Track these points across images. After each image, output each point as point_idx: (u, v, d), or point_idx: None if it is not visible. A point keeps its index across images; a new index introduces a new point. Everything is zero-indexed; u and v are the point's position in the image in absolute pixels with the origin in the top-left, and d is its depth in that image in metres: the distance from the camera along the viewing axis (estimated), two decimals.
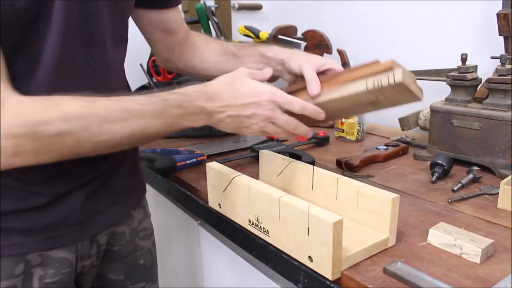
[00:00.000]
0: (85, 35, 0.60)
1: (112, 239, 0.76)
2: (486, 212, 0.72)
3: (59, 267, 0.66)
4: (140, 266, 0.83)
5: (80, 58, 0.60)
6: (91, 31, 0.61)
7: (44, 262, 0.65)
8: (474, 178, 0.83)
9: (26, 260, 0.63)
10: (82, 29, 0.59)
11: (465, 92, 0.92)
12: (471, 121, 0.88)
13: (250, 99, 0.62)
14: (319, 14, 1.53)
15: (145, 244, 0.84)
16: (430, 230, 0.62)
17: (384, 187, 0.83)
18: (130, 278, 0.81)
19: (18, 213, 0.61)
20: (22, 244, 0.62)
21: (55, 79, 0.57)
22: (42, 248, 0.64)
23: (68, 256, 0.67)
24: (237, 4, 1.63)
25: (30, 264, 0.64)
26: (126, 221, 0.78)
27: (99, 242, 0.72)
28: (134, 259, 0.81)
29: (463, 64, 0.92)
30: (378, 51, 1.35)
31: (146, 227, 0.84)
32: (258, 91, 0.63)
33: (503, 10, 0.92)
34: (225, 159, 0.96)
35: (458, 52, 0.93)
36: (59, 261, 0.66)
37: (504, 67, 0.85)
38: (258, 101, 0.62)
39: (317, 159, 0.97)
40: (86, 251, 0.70)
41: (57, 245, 0.66)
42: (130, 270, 0.81)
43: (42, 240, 0.64)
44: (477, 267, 0.56)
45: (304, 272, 0.59)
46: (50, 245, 0.65)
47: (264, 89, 0.63)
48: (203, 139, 1.19)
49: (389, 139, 1.14)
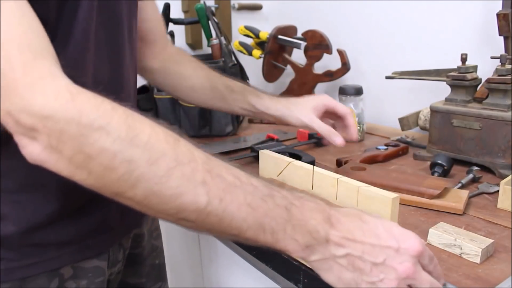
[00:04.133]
0: (106, 14, 0.58)
1: (133, 241, 0.74)
2: (486, 212, 0.72)
3: (91, 277, 0.62)
4: (157, 266, 0.81)
5: (101, 37, 0.58)
6: (111, 10, 0.59)
7: (77, 274, 0.61)
8: (474, 178, 0.83)
9: (60, 274, 0.59)
10: (103, 8, 0.57)
11: (465, 92, 0.92)
12: (471, 121, 0.88)
13: (386, 241, 0.42)
14: (319, 14, 1.53)
15: (158, 244, 0.82)
16: (430, 230, 0.62)
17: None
18: (150, 280, 0.79)
19: (55, 222, 0.56)
20: (57, 257, 0.58)
21: (81, 57, 0.55)
22: (77, 259, 0.60)
23: (100, 264, 0.63)
24: (237, 4, 1.63)
25: (63, 278, 0.59)
26: (145, 221, 0.76)
27: (124, 246, 0.70)
28: (152, 259, 0.79)
29: (463, 64, 0.92)
30: (378, 51, 1.35)
31: (157, 226, 0.83)
32: (401, 232, 0.43)
33: (503, 10, 0.91)
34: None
35: (458, 52, 0.93)
36: (91, 271, 0.62)
37: (504, 67, 0.85)
38: (398, 247, 0.42)
39: (317, 159, 0.97)
40: (115, 257, 0.67)
41: (92, 254, 0.62)
42: (150, 271, 0.79)
43: (77, 250, 0.60)
44: (477, 267, 0.56)
45: (304, 272, 0.59)
46: (85, 255, 0.61)
47: (409, 233, 0.44)
48: (203, 139, 1.19)
49: (389, 139, 1.14)
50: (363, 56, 1.39)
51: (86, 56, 0.55)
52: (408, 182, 0.74)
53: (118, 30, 0.61)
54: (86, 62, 0.56)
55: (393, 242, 0.42)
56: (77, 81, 0.51)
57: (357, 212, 0.45)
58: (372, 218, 0.44)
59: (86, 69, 0.56)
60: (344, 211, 0.44)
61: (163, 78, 0.85)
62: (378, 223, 0.43)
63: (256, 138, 1.16)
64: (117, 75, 0.62)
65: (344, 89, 1.15)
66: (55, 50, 0.45)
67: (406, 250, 0.41)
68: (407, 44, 1.27)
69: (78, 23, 0.53)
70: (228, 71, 1.21)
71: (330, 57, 1.33)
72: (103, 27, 0.58)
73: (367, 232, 0.42)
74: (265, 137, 1.15)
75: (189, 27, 1.54)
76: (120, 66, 0.63)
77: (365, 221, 0.43)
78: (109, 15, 0.59)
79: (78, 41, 0.53)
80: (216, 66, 1.21)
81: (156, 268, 0.81)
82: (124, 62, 0.64)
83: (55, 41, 0.51)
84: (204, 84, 0.82)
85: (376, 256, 0.41)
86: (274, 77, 1.48)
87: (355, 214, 0.44)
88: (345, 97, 1.15)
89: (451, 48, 1.14)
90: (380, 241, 0.42)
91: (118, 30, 0.61)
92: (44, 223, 0.56)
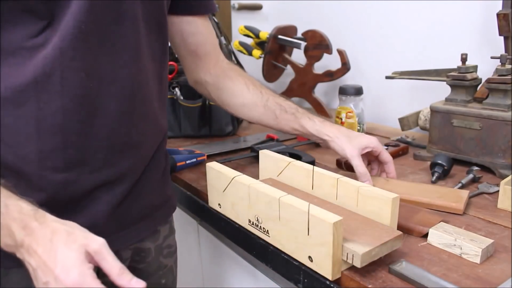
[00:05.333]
0: (113, 10, 0.58)
1: (137, 255, 0.73)
2: (486, 212, 0.72)
3: None
4: (162, 286, 0.79)
5: (106, 33, 0.58)
6: (120, 7, 0.58)
7: None
8: (474, 178, 0.83)
9: None
10: (110, 3, 0.57)
11: (465, 92, 0.92)
12: (471, 121, 0.88)
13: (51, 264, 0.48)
14: (319, 14, 1.53)
15: (167, 262, 0.80)
16: (430, 230, 0.62)
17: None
18: None
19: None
20: None
21: (75, 50, 0.55)
22: None
23: None
24: (237, 4, 1.63)
25: None
26: (152, 237, 0.75)
27: (122, 257, 0.69)
28: (158, 278, 0.78)
29: (463, 64, 0.92)
30: (378, 51, 1.35)
31: (170, 244, 0.81)
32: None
33: (503, 10, 0.91)
34: (225, 159, 0.96)
35: (458, 52, 0.93)
36: None
37: (504, 67, 0.85)
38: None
39: (317, 159, 0.97)
40: None
41: None
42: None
43: None
44: (477, 267, 0.56)
45: (304, 272, 0.59)
46: None
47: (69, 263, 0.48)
48: (203, 139, 1.19)
49: (389, 139, 1.14)
50: (363, 56, 1.39)
51: (83, 48, 0.56)
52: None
53: (127, 26, 0.60)
54: (83, 55, 0.56)
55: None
56: (73, 73, 0.54)
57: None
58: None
59: (84, 61, 0.56)
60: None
61: (215, 93, 0.86)
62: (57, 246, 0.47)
63: (256, 138, 1.16)
64: (128, 72, 0.61)
65: (344, 89, 1.15)
66: (45, 39, 0.50)
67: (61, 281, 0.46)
68: (407, 44, 1.27)
69: (71, 13, 0.53)
70: None
71: (330, 57, 1.33)
72: (108, 21, 0.57)
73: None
74: (265, 137, 1.15)
75: None
76: (136, 60, 0.62)
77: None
78: (117, 12, 0.58)
79: (71, 32, 0.54)
80: None
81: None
82: (140, 63, 0.63)
83: (47, 31, 0.53)
84: (256, 102, 0.84)
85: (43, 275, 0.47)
86: (274, 77, 1.48)
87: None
88: (345, 97, 1.15)
89: (451, 48, 1.14)
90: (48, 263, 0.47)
91: (127, 26, 0.60)
92: None
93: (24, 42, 0.53)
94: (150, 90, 0.66)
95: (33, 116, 0.55)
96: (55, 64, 0.54)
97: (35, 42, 0.54)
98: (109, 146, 0.61)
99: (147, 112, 0.66)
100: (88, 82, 0.57)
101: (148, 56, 0.65)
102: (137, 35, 0.61)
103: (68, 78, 0.55)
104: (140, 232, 0.71)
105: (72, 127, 0.58)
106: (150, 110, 0.67)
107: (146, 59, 0.64)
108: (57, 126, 0.56)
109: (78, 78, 0.56)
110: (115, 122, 0.61)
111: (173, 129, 1.20)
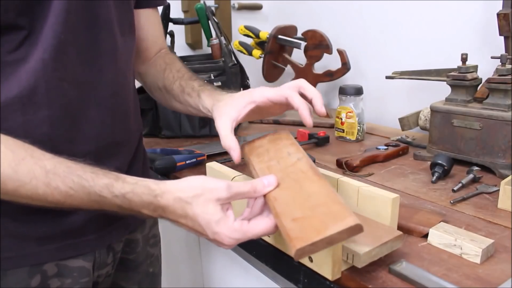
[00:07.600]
0: (89, 18, 0.58)
1: (127, 247, 0.74)
2: (486, 212, 0.72)
3: (76, 276, 0.63)
4: (150, 274, 0.81)
5: (84, 41, 0.59)
6: (95, 13, 0.59)
7: (61, 272, 0.62)
8: (474, 178, 0.83)
9: (42, 270, 0.60)
10: (85, 11, 0.58)
11: (465, 92, 0.92)
12: (471, 121, 0.88)
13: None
14: (319, 14, 1.53)
15: (154, 251, 0.82)
16: (430, 230, 0.62)
17: (384, 187, 0.83)
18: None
19: (33, 215, 0.57)
20: (38, 253, 0.59)
21: (56, 61, 0.56)
22: (60, 257, 0.61)
23: (86, 265, 0.64)
24: (237, 4, 1.63)
25: (46, 275, 0.60)
26: (140, 228, 0.77)
27: (115, 250, 0.70)
28: (147, 266, 0.79)
29: (463, 64, 0.92)
30: (378, 51, 1.35)
31: (155, 233, 0.83)
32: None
33: (503, 10, 0.91)
34: (225, 159, 0.96)
35: (458, 52, 0.93)
36: (76, 271, 0.63)
37: (504, 67, 0.85)
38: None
39: (317, 159, 0.97)
40: (103, 259, 0.68)
41: (76, 253, 0.62)
42: (143, 279, 0.79)
43: (60, 248, 0.61)
44: (477, 267, 0.56)
45: (304, 272, 0.59)
46: (68, 254, 0.62)
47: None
48: (203, 139, 1.19)
49: (389, 139, 1.14)
50: (363, 56, 1.38)
51: (63, 58, 0.56)
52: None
53: (103, 31, 0.61)
54: (64, 64, 0.57)
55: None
56: (56, 83, 0.55)
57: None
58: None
59: (65, 71, 0.57)
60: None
61: (144, 80, 0.85)
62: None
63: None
64: (108, 76, 0.62)
65: (344, 89, 1.15)
66: (26, 52, 0.52)
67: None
68: (407, 44, 1.27)
69: (49, 25, 0.54)
70: (228, 71, 1.21)
71: (330, 57, 1.33)
72: (84, 29, 0.58)
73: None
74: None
75: (189, 27, 1.54)
76: (112, 64, 0.63)
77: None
78: (92, 17, 0.59)
79: (51, 43, 0.55)
80: (216, 66, 1.21)
81: (149, 276, 0.81)
82: (117, 60, 0.64)
83: (26, 44, 0.53)
84: (165, 85, 0.79)
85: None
86: (274, 77, 1.48)
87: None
88: (345, 97, 1.15)
89: (451, 48, 1.14)
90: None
91: (103, 32, 0.61)
92: (20, 213, 0.56)
93: (5, 57, 0.53)
94: (128, 89, 0.69)
95: (20, 128, 0.55)
96: (38, 76, 0.55)
97: (15, 56, 0.54)
98: (97, 148, 0.63)
99: (127, 110, 0.69)
100: (71, 90, 0.58)
101: (124, 57, 0.67)
102: (113, 38, 0.63)
103: (52, 88, 0.56)
104: (130, 223, 0.72)
105: (60, 135, 0.58)
106: (130, 107, 0.70)
107: (122, 60, 0.66)
108: (45, 135, 0.57)
109: (61, 87, 0.57)
110: (100, 125, 0.63)
111: (173, 129, 1.20)
